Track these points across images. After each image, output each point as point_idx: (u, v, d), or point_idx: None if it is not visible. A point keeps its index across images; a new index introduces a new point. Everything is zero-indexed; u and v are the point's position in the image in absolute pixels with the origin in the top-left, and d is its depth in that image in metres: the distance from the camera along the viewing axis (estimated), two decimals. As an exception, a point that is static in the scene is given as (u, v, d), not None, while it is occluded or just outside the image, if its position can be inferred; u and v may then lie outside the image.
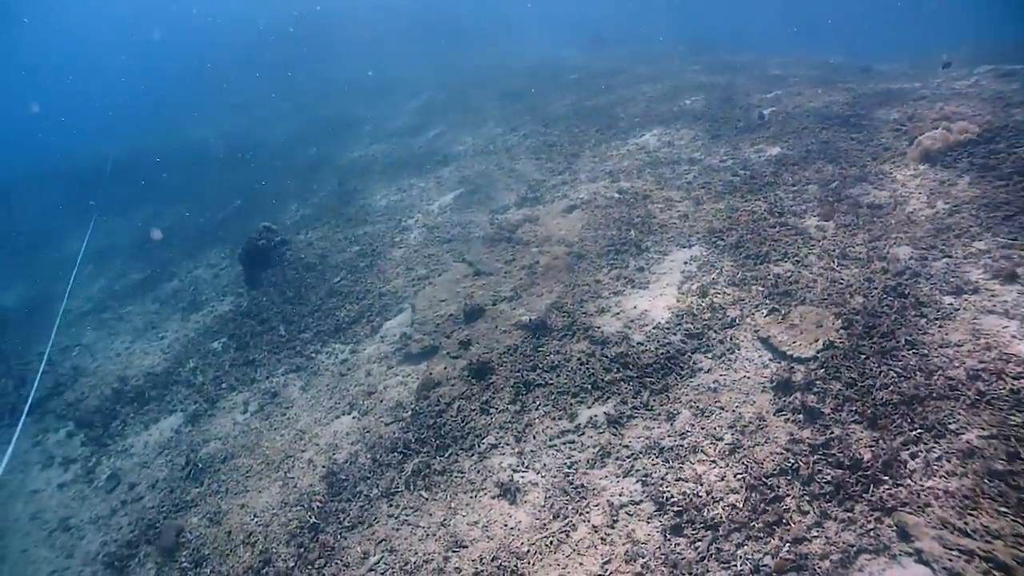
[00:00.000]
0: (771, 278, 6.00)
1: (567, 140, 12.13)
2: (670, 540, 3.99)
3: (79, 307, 12.08)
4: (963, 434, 3.96)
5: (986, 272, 5.28)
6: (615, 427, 5.01)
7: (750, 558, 3.73)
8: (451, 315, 7.35)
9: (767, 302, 5.72)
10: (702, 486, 4.23)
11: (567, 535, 4.30)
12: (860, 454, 4.02)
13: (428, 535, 4.82)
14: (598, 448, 4.89)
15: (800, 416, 4.48)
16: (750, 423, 4.57)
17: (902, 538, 3.56)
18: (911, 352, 4.66)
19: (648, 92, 14.05)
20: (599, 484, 4.59)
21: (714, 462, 4.39)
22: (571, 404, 5.40)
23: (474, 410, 5.80)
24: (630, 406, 5.13)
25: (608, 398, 5.32)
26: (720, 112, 11.17)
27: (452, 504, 4.99)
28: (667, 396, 5.12)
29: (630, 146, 10.77)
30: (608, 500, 4.41)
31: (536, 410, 5.51)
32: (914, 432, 4.07)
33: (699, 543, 3.90)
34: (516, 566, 4.21)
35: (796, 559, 3.63)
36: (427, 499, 5.15)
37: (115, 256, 16.13)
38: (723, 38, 21.10)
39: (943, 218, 6.10)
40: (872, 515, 3.71)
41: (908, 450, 3.99)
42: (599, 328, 6.16)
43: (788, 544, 3.71)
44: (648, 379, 5.32)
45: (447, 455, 5.46)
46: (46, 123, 37.84)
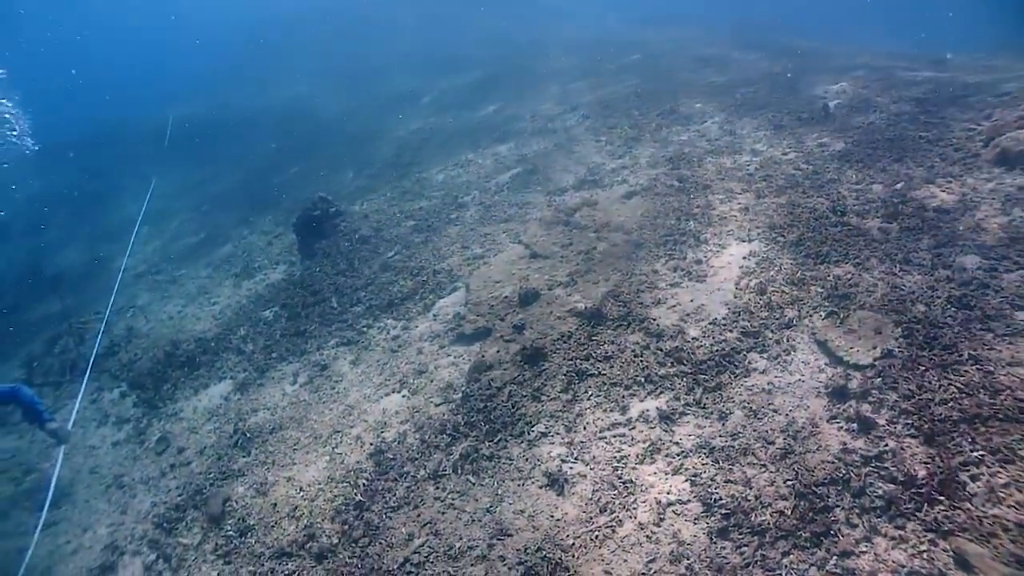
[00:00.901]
0: (831, 279, 5.88)
1: (627, 123, 11.98)
2: (716, 543, 3.95)
3: (134, 268, 12.32)
4: (1036, 464, 3.80)
5: (1066, 289, 5.08)
6: (666, 423, 4.97)
7: (795, 568, 3.68)
8: (506, 297, 7.33)
9: (826, 304, 5.61)
10: (751, 490, 4.18)
11: (613, 530, 4.28)
12: (914, 470, 3.92)
13: (473, 521, 4.83)
14: (648, 443, 4.85)
15: (854, 425, 4.39)
16: (803, 428, 4.50)
17: (960, 566, 3.46)
18: (975, 368, 4.52)
19: (711, 77, 13.82)
20: (647, 480, 4.56)
21: (764, 466, 4.33)
22: (623, 396, 5.37)
23: (525, 396, 5.79)
24: (683, 403, 5.09)
25: (661, 393, 5.27)
26: (783, 102, 10.94)
27: (499, 491, 4.99)
28: (720, 395, 5.05)
29: (691, 133, 10.60)
30: (656, 497, 4.38)
31: (588, 400, 5.48)
32: (975, 453, 3.94)
33: (745, 548, 3.86)
34: (560, 558, 4.20)
35: (842, 574, 3.56)
36: (474, 484, 5.16)
37: (170, 219, 16.40)
38: (784, 25, 20.63)
39: (1019, 227, 5.87)
40: (925, 536, 3.63)
41: (968, 472, 3.86)
42: (655, 320, 6.10)
43: (835, 557, 3.65)
44: (702, 376, 5.27)
45: (496, 440, 5.47)
46: (111, 88, 38.37)
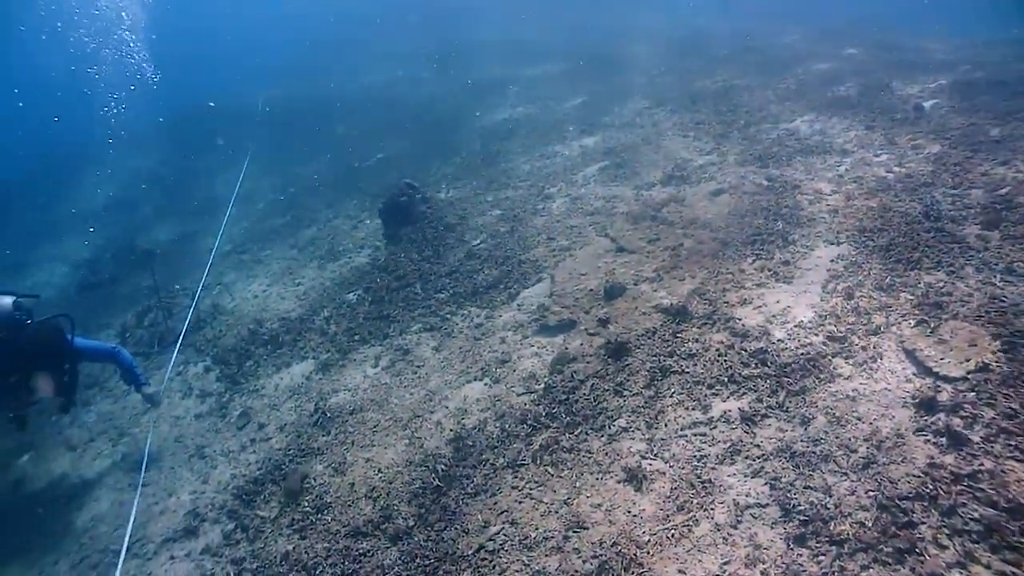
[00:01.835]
0: (922, 287, 5.76)
1: (715, 119, 11.89)
2: (793, 549, 3.92)
3: (221, 246, 12.57)
4: None
5: None
6: (748, 424, 4.95)
7: (876, 582, 3.61)
8: (591, 290, 7.38)
9: (916, 312, 5.49)
10: (831, 498, 4.12)
11: (689, 529, 4.28)
12: (1022, 498, 3.75)
13: (550, 512, 4.88)
14: (729, 444, 4.84)
15: (943, 440, 4.27)
16: (887, 439, 4.41)
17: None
18: (1088, 388, 4.38)
19: (801, 75, 13.61)
20: (726, 481, 4.55)
21: (845, 474, 4.26)
22: (706, 395, 5.37)
23: (607, 390, 5.82)
24: (765, 405, 5.06)
25: (744, 394, 5.25)
26: (876, 101, 10.72)
27: (577, 483, 5.03)
28: (803, 399, 5.00)
29: (780, 131, 10.47)
30: (734, 499, 4.37)
31: (670, 397, 5.49)
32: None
33: (822, 557, 3.81)
34: (635, 554, 4.22)
35: (932, 595, 3.48)
36: (552, 475, 5.20)
37: (257, 200, 16.76)
38: (884, 20, 20.09)
39: None
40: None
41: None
42: (740, 320, 6.08)
43: (921, 577, 3.56)
44: (786, 379, 5.22)
45: (577, 433, 5.51)
46: (207, 69, 39.36)
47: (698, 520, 4.32)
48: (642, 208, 8.87)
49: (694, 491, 4.55)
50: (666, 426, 5.22)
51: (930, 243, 6.34)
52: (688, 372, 5.67)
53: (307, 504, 6.03)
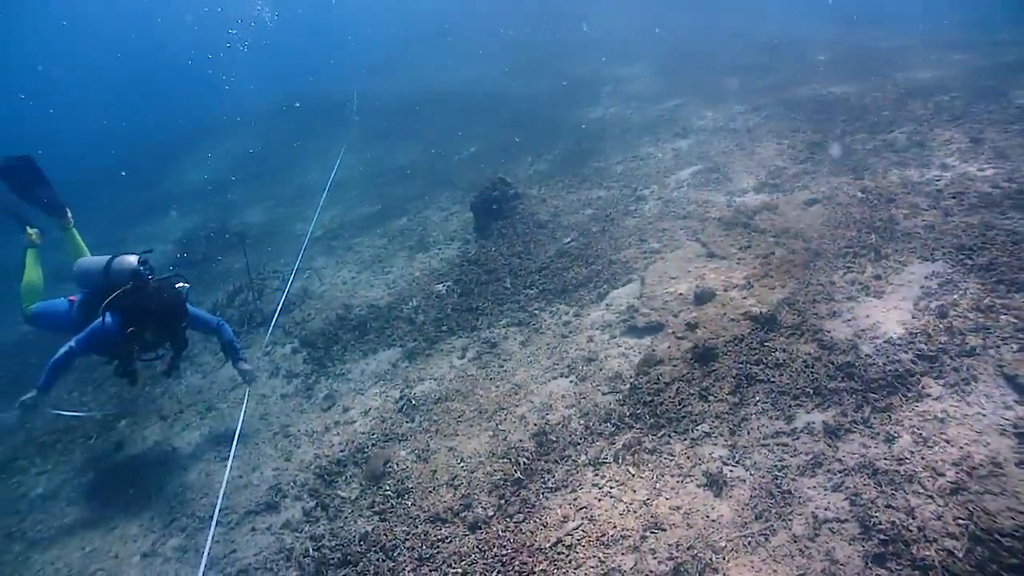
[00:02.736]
0: (1026, 310, 5.61)
1: (811, 127, 11.74)
2: (871, 569, 3.86)
3: (312, 231, 12.88)
4: None
5: None
6: (831, 438, 4.91)
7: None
8: (680, 294, 7.43)
9: (1019, 336, 5.35)
10: (914, 520, 4.03)
11: (766, 539, 4.28)
12: None
13: (629, 511, 4.93)
14: (810, 456, 4.81)
15: None
16: (980, 466, 4.27)
17: None
18: None
19: (901, 82, 13.30)
20: (806, 493, 4.53)
21: (931, 498, 4.16)
22: (790, 405, 5.35)
23: (692, 395, 5.85)
24: (849, 419, 5.02)
25: (828, 407, 5.22)
26: (985, 111, 10.45)
27: (657, 485, 5.07)
28: (889, 416, 4.94)
29: (877, 142, 10.28)
30: (813, 512, 4.35)
31: (754, 405, 5.50)
32: None
33: (902, 579, 3.74)
34: (711, 559, 4.25)
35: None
36: (633, 475, 5.26)
37: (349, 188, 17.13)
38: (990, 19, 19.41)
39: None
40: None
41: None
42: (828, 332, 6.03)
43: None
44: (872, 394, 5.18)
45: (660, 435, 5.56)
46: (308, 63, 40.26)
47: (775, 530, 4.32)
48: (734, 214, 8.86)
49: (773, 500, 4.54)
50: (749, 434, 5.23)
51: (1037, 264, 6.14)
52: (774, 381, 5.66)
53: (388, 488, 6.17)
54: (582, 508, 5.11)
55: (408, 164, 18.07)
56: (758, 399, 5.55)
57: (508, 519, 5.28)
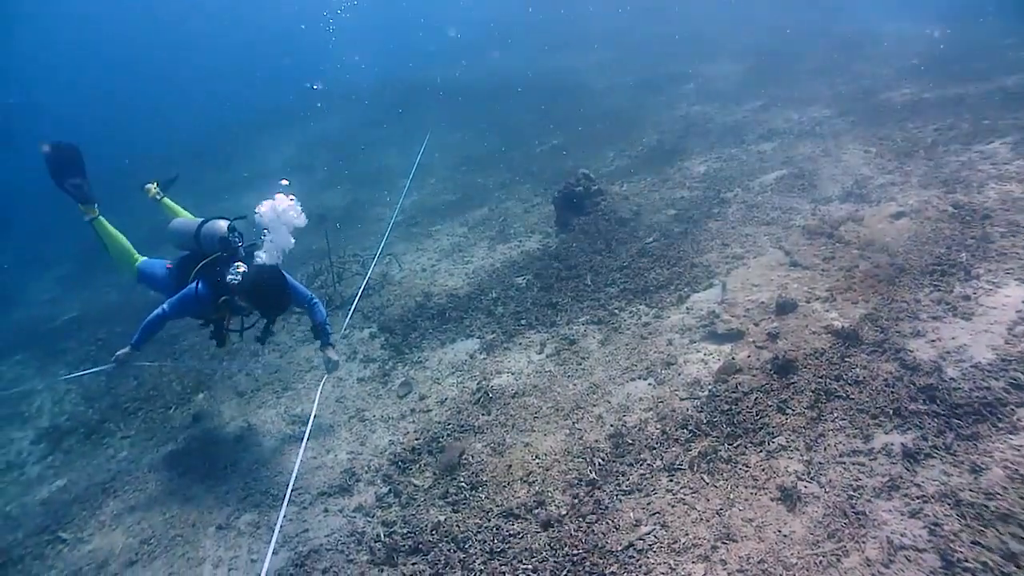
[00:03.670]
0: None
1: (900, 135, 11.53)
2: None
3: (392, 216, 13.10)
4: None
5: None
6: (909, 461, 4.84)
7: None
8: (762, 303, 7.43)
9: None
10: (1012, 564, 3.82)
11: (838, 559, 4.25)
12: None
13: (701, 520, 4.96)
14: (888, 479, 4.75)
15: None
16: None
17: None
18: None
19: (1010, 87, 12.91)
20: (881, 516, 4.47)
21: None
22: (868, 424, 5.32)
23: (770, 406, 5.85)
24: (930, 444, 4.93)
25: (908, 429, 5.15)
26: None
27: (731, 495, 5.10)
28: (975, 445, 4.82)
29: (972, 153, 10.00)
30: (888, 536, 4.29)
31: (831, 422, 5.47)
32: None
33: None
34: (781, 575, 4.27)
35: None
36: (707, 484, 5.28)
37: (430, 175, 17.41)
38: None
39: None
40: None
41: None
42: (911, 352, 5.96)
43: None
44: (956, 421, 5.08)
45: (735, 445, 5.57)
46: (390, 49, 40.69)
47: (848, 551, 4.27)
48: (819, 223, 8.79)
49: (847, 520, 4.51)
50: (825, 450, 5.20)
51: None
52: (853, 398, 5.62)
53: (462, 479, 6.26)
54: (655, 513, 5.16)
55: (489, 153, 18.24)
56: (836, 415, 5.52)
57: (581, 519, 5.34)
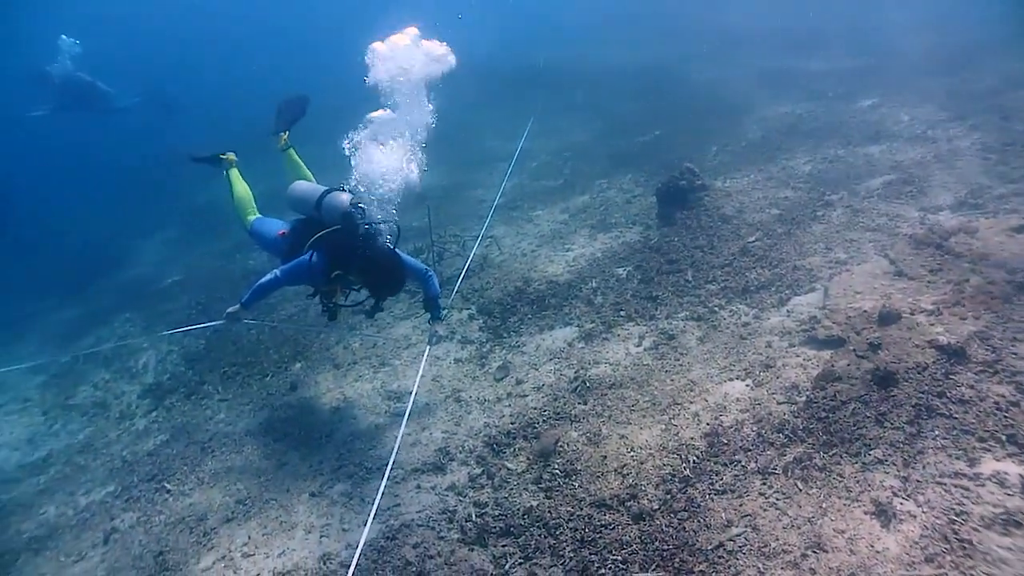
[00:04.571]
0: None
1: (1029, 141, 11.09)
2: None
3: (492, 200, 13.19)
4: None
5: None
6: None
7: None
8: (865, 311, 7.28)
9: None
10: None
11: None
12: None
13: (792, 526, 4.96)
14: (1002, 510, 4.56)
15: None
16: None
17: None
18: None
19: None
20: (995, 552, 4.28)
21: None
22: (974, 448, 5.17)
23: (869, 418, 5.76)
24: None
25: None
26: None
27: (824, 504, 5.07)
28: None
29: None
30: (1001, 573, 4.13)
31: (932, 440, 5.36)
32: None
33: None
34: None
35: None
36: (800, 490, 5.26)
37: (531, 159, 17.52)
38: None
39: None
40: None
41: None
42: (1029, 377, 5.76)
43: None
44: None
45: (831, 453, 5.52)
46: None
47: None
48: (927, 233, 8.54)
49: (948, 546, 4.39)
50: (924, 468, 5.10)
51: None
52: (956, 418, 5.48)
53: (556, 467, 6.34)
54: (746, 516, 5.18)
55: (591, 140, 18.25)
56: (937, 434, 5.40)
57: (672, 515, 5.39)
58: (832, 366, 6.61)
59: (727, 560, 4.83)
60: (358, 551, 5.35)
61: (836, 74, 18.90)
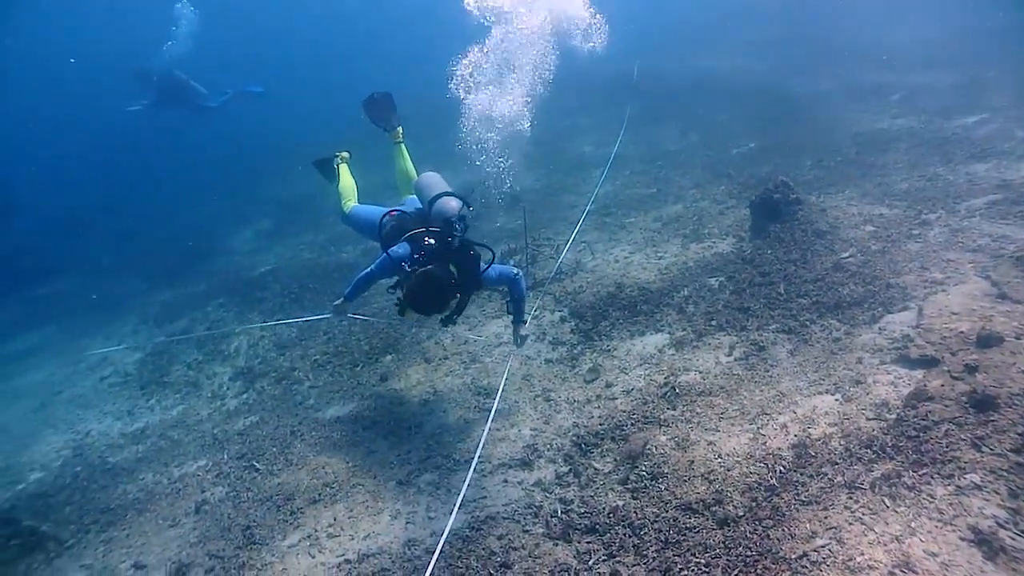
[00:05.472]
0: None
1: None
2: None
3: (584, 205, 13.36)
4: None
5: None
6: None
7: None
8: (961, 332, 7.12)
9: None
10: None
11: None
12: None
13: (878, 542, 4.89)
14: None
15: None
16: None
17: None
18: None
19: None
20: None
21: None
22: None
23: (964, 440, 5.61)
24: None
25: None
26: None
27: (912, 524, 4.97)
28: None
29: None
30: None
31: None
32: None
33: None
34: None
35: None
36: (888, 507, 5.20)
37: (624, 167, 17.52)
38: None
39: None
40: None
41: None
42: None
43: None
44: None
45: (920, 473, 5.41)
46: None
47: None
48: (1036, 255, 8.29)
49: None
50: None
51: None
52: None
53: (643, 469, 6.42)
54: (831, 528, 5.15)
55: (684, 150, 18.23)
56: (1049, 466, 5.16)
57: (757, 522, 5.41)
58: (924, 386, 6.46)
59: (811, 570, 4.81)
60: (443, 538, 5.55)
61: (941, 89, 18.26)
